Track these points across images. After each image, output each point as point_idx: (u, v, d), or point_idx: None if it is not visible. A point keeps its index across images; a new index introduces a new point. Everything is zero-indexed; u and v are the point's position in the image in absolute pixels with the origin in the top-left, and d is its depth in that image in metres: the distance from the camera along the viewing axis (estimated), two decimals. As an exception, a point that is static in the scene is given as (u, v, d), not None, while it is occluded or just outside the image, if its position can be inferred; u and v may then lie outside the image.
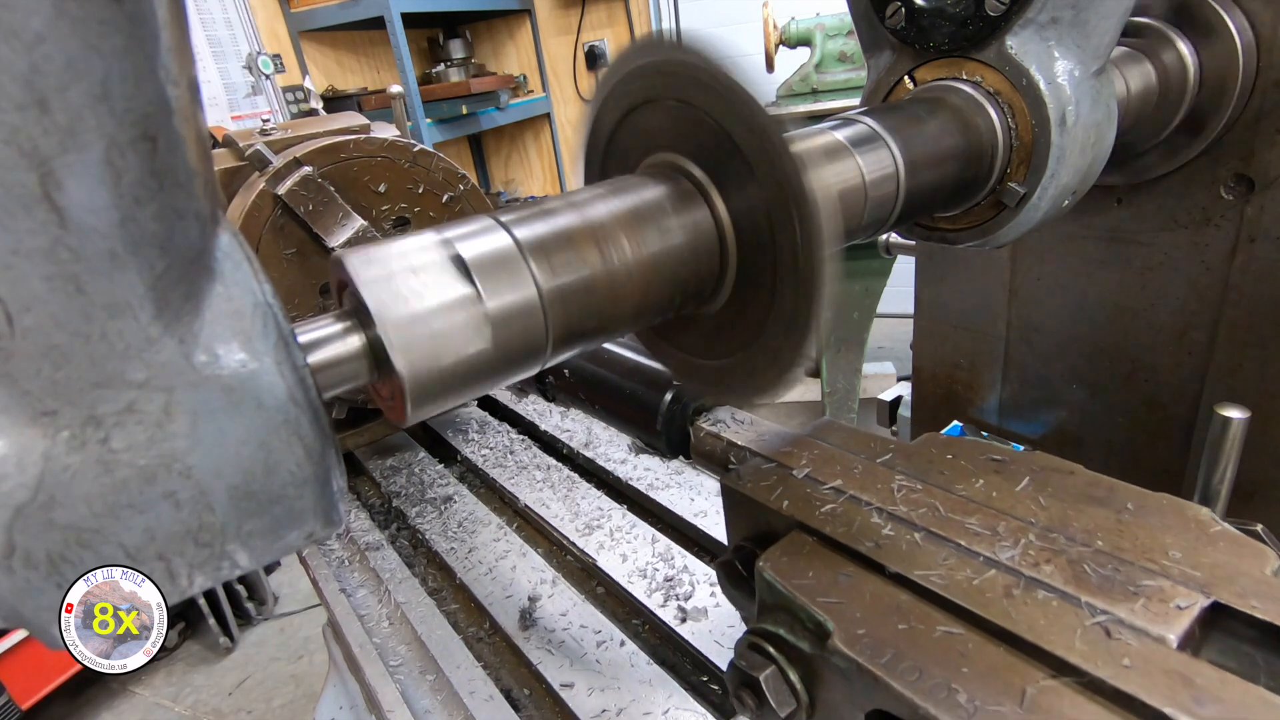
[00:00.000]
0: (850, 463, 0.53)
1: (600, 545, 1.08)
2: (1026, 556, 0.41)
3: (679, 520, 1.10)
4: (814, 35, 3.07)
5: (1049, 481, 0.47)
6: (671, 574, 0.99)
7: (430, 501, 1.26)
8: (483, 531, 1.16)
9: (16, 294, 0.28)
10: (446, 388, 0.42)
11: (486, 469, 1.34)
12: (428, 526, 1.20)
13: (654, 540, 1.07)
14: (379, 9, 3.76)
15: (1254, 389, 0.88)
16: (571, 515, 1.16)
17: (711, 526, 1.05)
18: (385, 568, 1.12)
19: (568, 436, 1.37)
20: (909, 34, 0.68)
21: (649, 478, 1.20)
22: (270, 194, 1.16)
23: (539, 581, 1.03)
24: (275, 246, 1.20)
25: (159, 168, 0.30)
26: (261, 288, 0.36)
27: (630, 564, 1.02)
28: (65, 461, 0.30)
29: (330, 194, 1.19)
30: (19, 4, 0.25)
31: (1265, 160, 0.81)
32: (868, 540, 0.44)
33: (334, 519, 0.39)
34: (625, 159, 0.54)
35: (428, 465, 1.38)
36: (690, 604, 0.94)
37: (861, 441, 0.56)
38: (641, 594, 0.97)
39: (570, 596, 1.00)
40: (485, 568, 1.08)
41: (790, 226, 0.43)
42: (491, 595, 1.02)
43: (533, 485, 1.26)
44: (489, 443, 1.42)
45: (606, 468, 1.25)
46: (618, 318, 0.47)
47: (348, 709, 1.21)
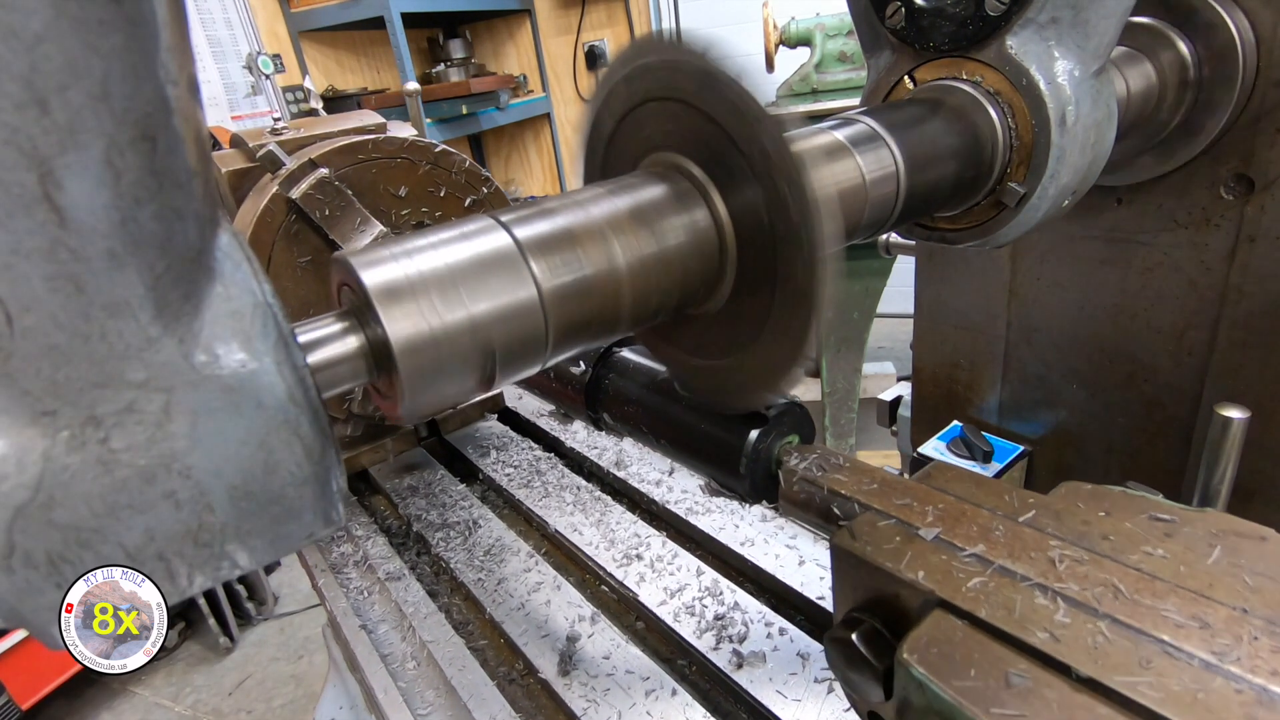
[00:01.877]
0: (988, 522, 0.44)
1: (641, 577, 0.99)
2: (1257, 660, 0.32)
3: (724, 550, 1.01)
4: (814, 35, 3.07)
5: (1241, 551, 0.39)
6: (722, 611, 0.90)
7: (453, 526, 1.17)
8: (512, 560, 1.07)
9: (16, 294, 0.28)
10: (447, 387, 0.42)
11: (512, 489, 1.24)
12: (452, 555, 1.11)
13: (699, 572, 0.98)
14: (379, 9, 3.76)
15: (1254, 389, 0.88)
16: (607, 543, 1.07)
17: (759, 556, 0.97)
18: (408, 600, 1.03)
19: (597, 454, 1.27)
20: (909, 34, 0.68)
21: (687, 500, 1.11)
22: (283, 198, 1.09)
23: (577, 618, 0.94)
24: (288, 254, 1.12)
25: (159, 168, 0.30)
26: (261, 287, 0.36)
27: (677, 600, 0.93)
28: (65, 461, 0.30)
29: (348, 198, 1.13)
30: (19, 4, 0.25)
31: (1265, 160, 0.81)
32: (1039, 630, 0.36)
33: (334, 519, 0.39)
34: (625, 159, 0.54)
35: (448, 485, 1.28)
36: (746, 647, 0.84)
37: (990, 492, 0.48)
38: (690, 634, 0.88)
39: (613, 636, 0.90)
40: (517, 601, 0.99)
41: (790, 226, 0.43)
42: (526, 634, 0.93)
43: (563, 508, 1.16)
44: (512, 460, 1.32)
45: (641, 489, 1.15)
46: (617, 317, 0.47)
47: (348, 709, 1.21)
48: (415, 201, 1.22)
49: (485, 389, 0.44)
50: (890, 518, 0.46)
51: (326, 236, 1.13)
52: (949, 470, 0.51)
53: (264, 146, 1.13)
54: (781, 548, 0.98)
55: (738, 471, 0.58)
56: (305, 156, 1.11)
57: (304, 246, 1.13)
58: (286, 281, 1.11)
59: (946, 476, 0.50)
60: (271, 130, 1.25)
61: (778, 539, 1.00)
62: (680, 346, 0.57)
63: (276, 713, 2.64)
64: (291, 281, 1.12)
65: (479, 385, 0.43)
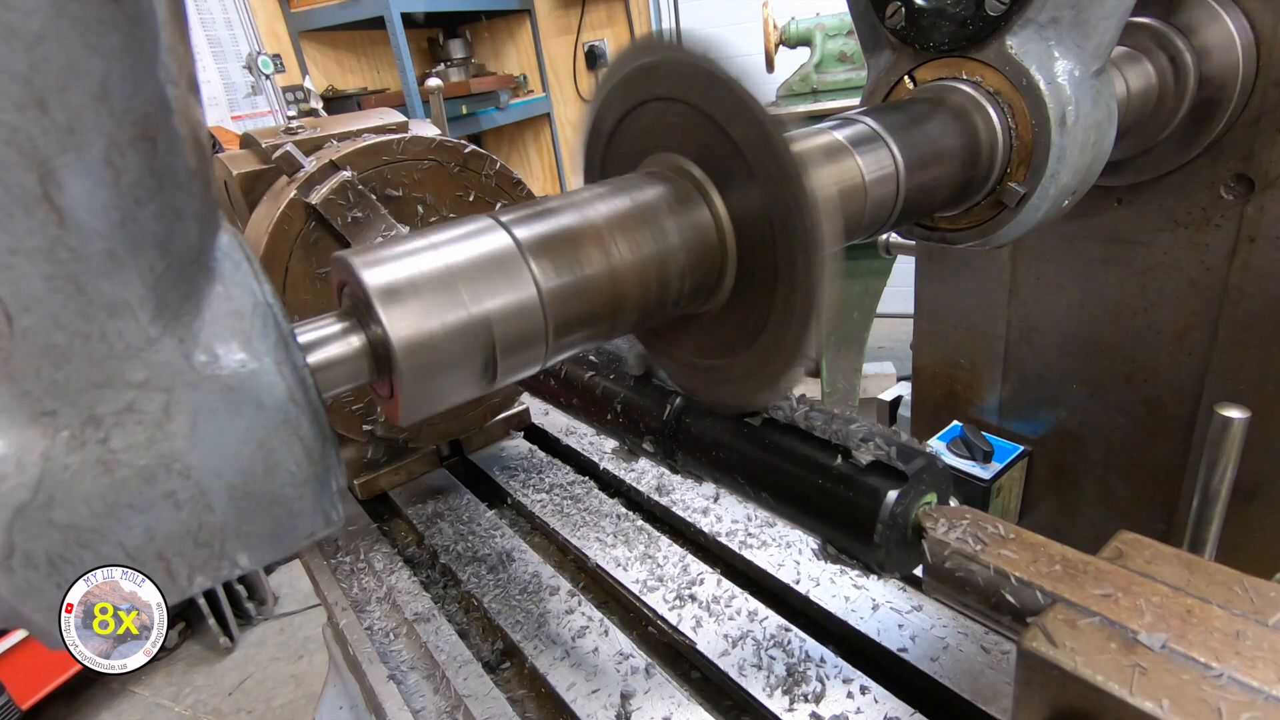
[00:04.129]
0: (1226, 625, 0.35)
1: (697, 622, 0.88)
2: None
3: (788, 591, 0.91)
4: (814, 35, 3.07)
5: None
6: (791, 663, 0.81)
7: (483, 560, 1.07)
8: (550, 600, 0.98)
9: (16, 294, 0.28)
10: (447, 388, 0.42)
11: (545, 517, 1.14)
12: (484, 592, 1.01)
13: (760, 618, 0.88)
14: (379, 9, 3.76)
15: (1254, 389, 0.88)
16: (655, 580, 0.97)
17: (827, 600, 0.87)
18: (439, 645, 0.92)
19: (635, 478, 1.16)
20: (909, 34, 0.68)
21: (739, 532, 1.02)
22: (302, 203, 0.99)
23: (630, 671, 0.84)
24: (306, 265, 1.01)
25: (158, 167, 0.30)
26: (261, 287, 0.36)
27: (740, 650, 0.84)
28: (65, 461, 0.30)
29: (373, 203, 1.03)
30: (19, 4, 0.25)
31: (1265, 160, 0.81)
32: None
33: (333, 519, 0.39)
34: (625, 159, 0.54)
35: (475, 512, 1.18)
36: (825, 709, 0.75)
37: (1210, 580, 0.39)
38: (760, 692, 0.78)
39: (671, 693, 0.81)
40: (560, 650, 0.89)
41: (790, 227, 0.43)
42: (575, 688, 0.83)
43: (603, 539, 1.06)
44: (543, 484, 1.22)
45: (687, 518, 1.06)
46: (617, 318, 0.47)
47: (348, 709, 1.21)
48: (441, 207, 1.12)
49: (486, 389, 0.44)
50: (1092, 614, 0.37)
51: (349, 245, 1.03)
52: (1146, 548, 0.42)
53: (280, 147, 1.04)
54: (849, 589, 0.88)
55: (870, 538, 0.48)
56: (325, 158, 1.02)
57: (324, 256, 1.03)
58: (305, 294, 1.02)
59: (1145, 556, 0.41)
60: (286, 129, 1.15)
61: (844, 579, 0.90)
62: (680, 347, 0.57)
63: (276, 713, 2.64)
64: (310, 295, 1.02)
65: (479, 385, 0.43)
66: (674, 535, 1.07)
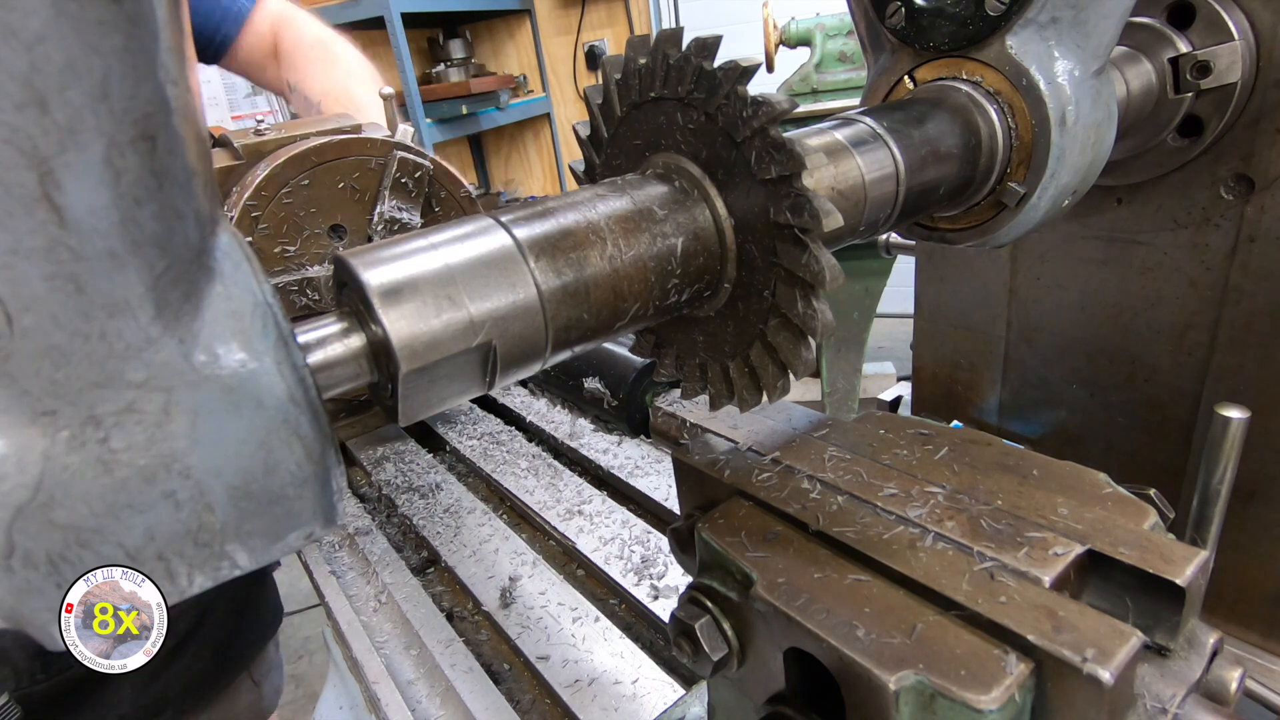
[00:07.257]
0: (791, 437, 0.57)
1: (580, 529, 1.12)
2: (933, 514, 0.46)
3: (656, 505, 1.15)
4: (814, 35, 3.07)
5: (967, 451, 0.52)
6: (647, 554, 1.04)
7: (418, 489, 1.31)
8: (468, 518, 1.21)
9: (16, 294, 0.28)
10: (447, 388, 0.42)
11: (474, 458, 1.38)
12: (414, 511, 1.24)
13: (630, 525, 1.12)
14: (379, 9, 3.76)
15: (1254, 389, 0.88)
16: (554, 501, 1.20)
17: None
18: (373, 551, 1.16)
19: (553, 428, 1.42)
20: (909, 34, 0.68)
21: (629, 466, 1.24)
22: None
23: (521, 564, 1.08)
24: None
25: (158, 167, 0.30)
26: (261, 287, 0.36)
27: (609, 547, 1.08)
28: (65, 461, 0.30)
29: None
30: (19, 4, 0.25)
31: (1265, 160, 0.81)
32: (796, 503, 0.49)
33: (334, 518, 0.39)
34: (625, 159, 0.54)
35: (417, 456, 1.42)
36: (663, 582, 0.99)
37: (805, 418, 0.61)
38: (617, 574, 1.02)
39: (549, 576, 1.04)
40: (469, 550, 1.13)
41: (790, 227, 0.43)
42: (474, 576, 1.07)
43: (517, 475, 1.30)
44: (476, 432, 1.48)
45: (590, 457, 1.29)
46: (617, 318, 0.47)
47: (348, 709, 1.21)
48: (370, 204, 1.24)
49: (485, 389, 0.44)
50: (720, 437, 0.59)
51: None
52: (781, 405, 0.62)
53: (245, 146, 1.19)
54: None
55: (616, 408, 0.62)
56: (277, 159, 1.15)
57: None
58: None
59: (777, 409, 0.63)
60: (255, 131, 1.29)
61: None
62: (679, 346, 0.57)
63: (276, 712, 2.64)
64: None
65: (479, 385, 0.43)
66: (579, 471, 1.31)
